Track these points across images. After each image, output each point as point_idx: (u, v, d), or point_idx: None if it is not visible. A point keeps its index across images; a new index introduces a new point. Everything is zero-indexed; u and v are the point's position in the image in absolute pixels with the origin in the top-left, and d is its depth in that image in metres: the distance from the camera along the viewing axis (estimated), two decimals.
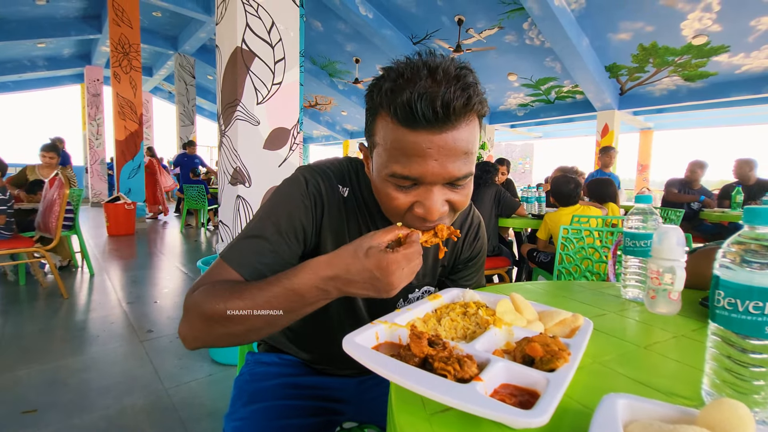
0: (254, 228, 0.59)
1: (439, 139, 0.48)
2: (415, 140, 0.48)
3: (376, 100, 0.51)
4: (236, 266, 0.56)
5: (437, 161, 0.49)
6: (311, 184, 0.62)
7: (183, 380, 1.77)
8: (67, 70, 10.92)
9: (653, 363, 0.50)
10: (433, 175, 0.50)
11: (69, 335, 2.23)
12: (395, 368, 0.40)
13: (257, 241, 0.58)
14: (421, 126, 0.47)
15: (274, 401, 0.71)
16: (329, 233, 0.64)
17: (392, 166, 0.51)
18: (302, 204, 0.61)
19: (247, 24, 2.23)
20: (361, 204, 0.66)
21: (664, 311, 0.67)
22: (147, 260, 4.17)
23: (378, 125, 0.53)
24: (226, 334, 0.52)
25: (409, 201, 0.53)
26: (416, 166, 0.49)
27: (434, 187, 0.51)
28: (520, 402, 0.37)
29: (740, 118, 8.58)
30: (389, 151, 0.51)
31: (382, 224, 0.67)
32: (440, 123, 0.47)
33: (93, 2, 7.62)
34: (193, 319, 0.52)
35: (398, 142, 0.49)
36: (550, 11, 5.04)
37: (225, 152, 2.36)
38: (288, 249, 0.59)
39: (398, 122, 0.48)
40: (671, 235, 0.65)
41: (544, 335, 0.45)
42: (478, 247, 0.79)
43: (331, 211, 0.64)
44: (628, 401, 0.34)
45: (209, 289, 0.53)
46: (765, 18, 4.70)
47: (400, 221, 0.56)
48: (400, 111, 0.47)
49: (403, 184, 0.52)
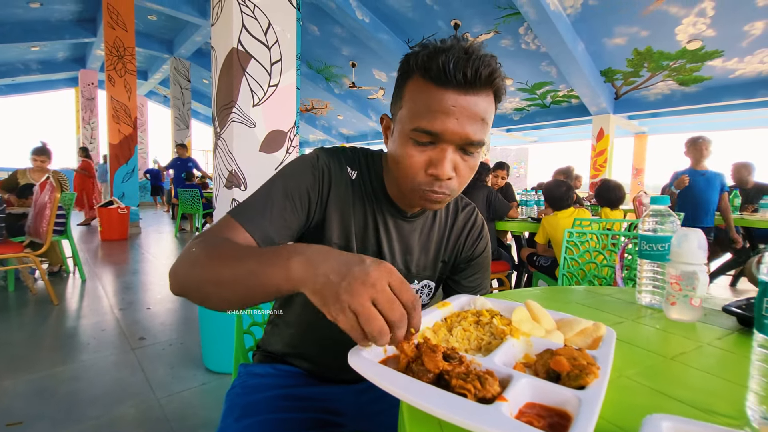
0: (263, 192, 0.62)
1: (463, 100, 0.54)
2: (443, 97, 0.54)
3: (412, 65, 0.57)
4: (246, 225, 0.58)
5: (458, 120, 0.54)
6: (321, 159, 0.66)
7: (175, 390, 1.71)
8: (62, 74, 10.84)
9: (683, 376, 0.46)
10: (452, 133, 0.55)
11: (58, 343, 2.16)
12: (408, 387, 0.36)
13: (265, 204, 0.60)
14: (451, 86, 0.54)
15: (269, 414, 0.67)
16: (335, 211, 0.66)
17: (418, 120, 0.56)
18: (310, 174, 0.64)
19: (243, 25, 2.20)
20: (368, 188, 0.69)
21: (685, 318, 0.63)
22: (140, 266, 4.09)
23: (408, 87, 0.58)
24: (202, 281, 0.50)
25: (423, 161, 0.58)
26: (439, 122, 0.55)
27: (448, 147, 0.57)
28: (549, 425, 0.34)
29: (734, 123, 8.66)
30: (417, 108, 0.56)
31: (388, 210, 0.69)
32: (467, 86, 0.54)
33: (88, 5, 7.57)
34: (193, 259, 0.52)
35: (427, 98, 0.55)
36: (546, 16, 5.06)
37: (220, 155, 2.32)
38: (293, 215, 0.62)
39: (430, 81, 0.55)
40: (692, 238, 0.62)
41: (569, 348, 0.42)
42: (482, 247, 0.78)
43: (339, 189, 0.66)
44: (673, 424, 0.30)
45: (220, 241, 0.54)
46: (758, 23, 4.75)
47: (412, 183, 0.59)
48: (435, 71, 0.53)
49: (423, 139, 0.56)
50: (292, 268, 0.42)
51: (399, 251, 0.71)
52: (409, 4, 6.16)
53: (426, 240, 0.74)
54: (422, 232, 0.73)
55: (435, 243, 0.74)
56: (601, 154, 7.45)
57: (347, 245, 0.68)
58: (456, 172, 0.59)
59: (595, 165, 7.53)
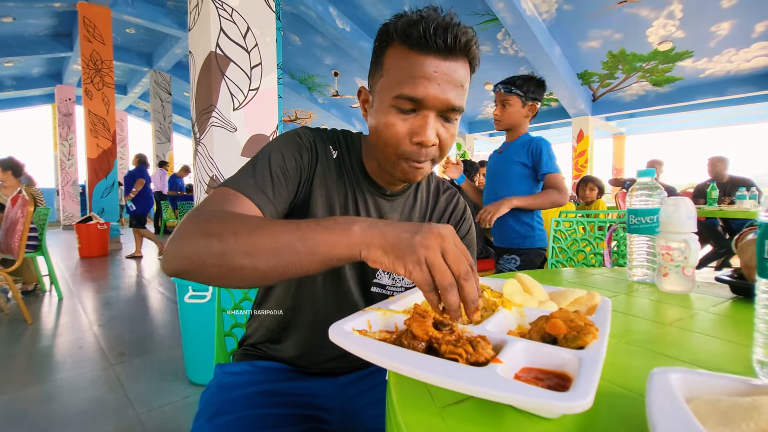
0: (260, 164, 0.59)
1: (444, 65, 0.55)
2: (424, 63, 0.54)
3: (391, 33, 0.57)
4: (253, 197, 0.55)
5: (439, 86, 0.55)
6: (306, 135, 0.66)
7: (157, 404, 1.63)
8: (37, 90, 10.56)
9: (683, 339, 0.44)
10: (434, 99, 0.55)
11: (31, 363, 2.04)
12: (395, 354, 0.33)
13: (264, 176, 0.58)
14: (432, 51, 0.54)
15: (246, 411, 0.62)
16: (319, 188, 0.65)
17: (400, 87, 0.55)
18: (299, 150, 0.63)
19: (221, 29, 2.17)
20: (348, 167, 0.68)
21: (679, 289, 0.62)
22: (121, 281, 3.95)
23: (388, 55, 0.58)
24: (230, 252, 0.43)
25: (406, 129, 0.57)
26: (422, 87, 0.54)
27: (430, 114, 0.56)
28: (549, 387, 0.31)
29: (706, 121, 8.96)
30: (398, 75, 0.56)
31: (368, 189, 0.69)
32: (447, 52, 0.54)
33: (63, 20, 7.43)
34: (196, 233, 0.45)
35: (409, 65, 0.55)
36: (523, 21, 5.17)
37: (200, 160, 2.26)
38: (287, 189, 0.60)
39: (411, 48, 0.55)
40: (681, 206, 0.61)
41: (565, 310, 0.39)
42: (465, 228, 0.78)
43: (323, 167, 0.65)
44: (681, 375, 0.28)
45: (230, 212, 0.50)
46: (724, 23, 4.94)
47: (395, 152, 0.58)
48: (415, 38, 0.54)
49: (406, 106, 0.56)
50: (355, 231, 0.42)
51: None
52: (388, 12, 6.23)
53: (407, 220, 0.72)
54: (403, 212, 0.72)
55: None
56: (582, 155, 7.60)
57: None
58: (440, 139, 0.59)
59: (577, 165, 7.67)
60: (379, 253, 0.41)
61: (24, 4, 6.13)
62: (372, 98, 0.62)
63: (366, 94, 0.65)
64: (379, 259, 0.41)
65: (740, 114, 8.06)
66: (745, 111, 7.64)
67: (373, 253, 0.41)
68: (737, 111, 7.59)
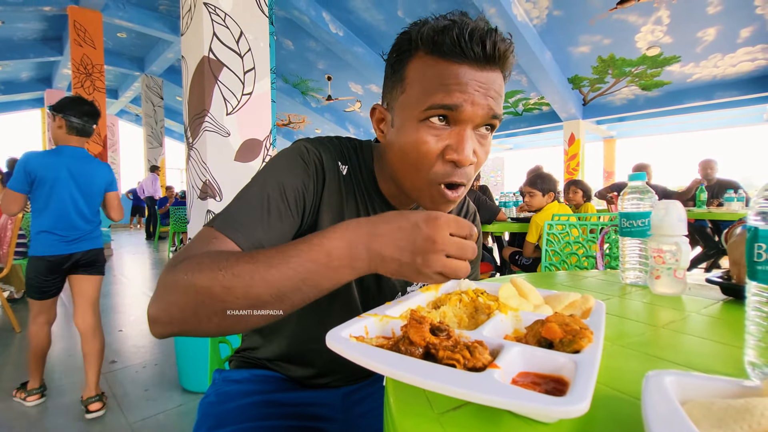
0: (252, 195, 0.51)
1: (481, 75, 0.48)
2: (458, 71, 0.48)
3: (415, 41, 0.50)
4: (235, 237, 0.47)
5: (478, 92, 0.48)
6: (312, 153, 0.57)
7: (149, 413, 1.60)
8: (26, 94, 10.44)
9: (676, 342, 0.45)
10: (472, 107, 0.48)
11: (19, 372, 2.00)
12: (393, 361, 0.33)
13: (257, 209, 0.50)
14: (466, 59, 0.48)
15: (246, 423, 0.60)
16: (327, 211, 0.58)
17: (431, 98, 0.49)
18: (304, 171, 0.55)
19: (214, 33, 2.17)
20: (360, 183, 0.61)
21: (671, 291, 0.63)
22: (112, 288, 3.90)
23: (411, 67, 0.51)
24: (218, 311, 0.40)
25: (440, 147, 0.50)
26: (458, 93, 0.48)
27: (467, 127, 0.50)
28: (546, 391, 0.31)
29: (694, 124, 9.12)
30: (427, 86, 0.49)
31: (380, 207, 0.62)
32: (485, 60, 0.48)
33: (53, 23, 7.36)
34: (175, 293, 0.41)
35: (439, 74, 0.48)
36: (514, 26, 5.24)
37: (193, 166, 2.25)
38: (289, 220, 0.53)
39: (441, 56, 0.49)
40: (671, 210, 0.62)
41: (560, 314, 0.40)
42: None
43: (332, 186, 0.58)
44: (676, 378, 0.28)
45: (206, 256, 0.43)
46: (710, 29, 5.05)
47: (427, 176, 0.52)
48: (447, 45, 0.47)
49: (440, 114, 0.49)
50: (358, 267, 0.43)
51: None
52: (381, 17, 6.26)
53: None
54: None
55: None
56: (574, 158, 7.68)
57: None
58: (477, 157, 0.52)
59: (569, 169, 7.75)
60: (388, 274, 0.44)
61: (13, 7, 6.06)
62: (391, 116, 0.55)
63: (381, 112, 0.57)
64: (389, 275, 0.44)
65: (727, 117, 8.23)
66: (731, 114, 7.80)
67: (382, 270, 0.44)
68: (724, 114, 7.75)
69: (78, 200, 1.68)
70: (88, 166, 1.74)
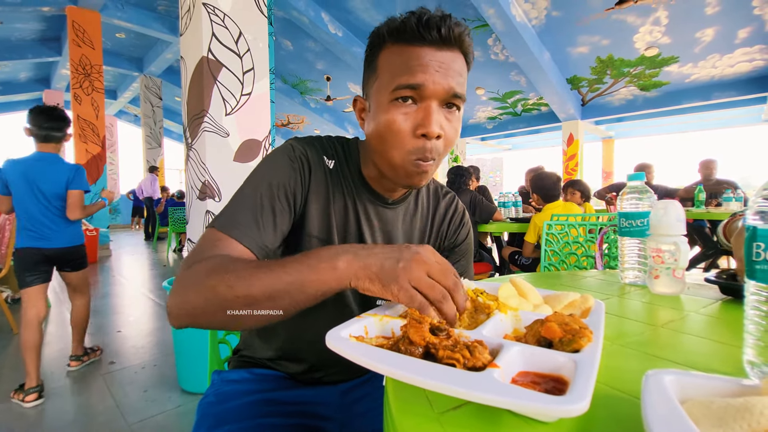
0: (248, 195, 0.57)
1: (441, 54, 0.54)
2: (420, 53, 0.54)
3: (382, 35, 0.57)
4: (238, 236, 0.53)
5: (438, 71, 0.54)
6: (297, 150, 0.63)
7: (149, 414, 1.60)
8: (24, 95, 10.40)
9: (675, 341, 0.45)
10: (434, 84, 0.54)
11: (17, 374, 1.99)
12: (393, 361, 0.33)
13: (254, 212, 0.56)
14: (426, 42, 0.54)
15: (245, 421, 0.61)
16: (314, 203, 0.63)
17: (397, 79, 0.54)
18: (291, 168, 0.61)
19: (213, 34, 2.16)
20: (347, 177, 0.66)
21: (670, 291, 0.63)
22: (111, 288, 3.89)
23: (381, 57, 0.57)
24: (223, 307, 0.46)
25: (409, 124, 0.55)
26: (420, 73, 0.53)
27: (432, 103, 0.55)
28: (546, 390, 0.31)
29: (692, 125, 9.14)
30: (394, 70, 0.55)
31: (368, 198, 0.67)
32: (442, 41, 0.54)
33: (52, 24, 7.34)
34: (190, 290, 0.47)
35: (404, 58, 0.54)
36: (513, 27, 5.24)
37: (192, 166, 2.25)
38: (282, 217, 0.59)
39: (404, 43, 0.55)
40: (670, 210, 0.62)
41: (560, 314, 0.40)
42: (464, 234, 0.77)
43: (317, 177, 0.63)
44: (675, 377, 0.28)
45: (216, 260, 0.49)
46: (708, 30, 5.06)
47: (400, 153, 0.56)
48: (409, 32, 0.54)
49: (406, 94, 0.54)
50: (341, 266, 0.45)
51: (382, 240, 0.68)
52: (380, 17, 6.27)
53: (409, 227, 0.71)
54: (405, 220, 0.71)
55: (419, 230, 0.72)
56: (572, 159, 7.69)
57: (328, 238, 0.64)
58: (444, 131, 0.56)
59: (567, 169, 7.76)
60: (366, 283, 0.44)
61: (11, 8, 6.05)
62: (369, 104, 0.61)
63: (362, 102, 0.63)
64: (368, 287, 0.44)
65: (725, 118, 8.24)
66: (729, 115, 7.82)
67: (361, 283, 0.45)
68: (722, 115, 7.77)
69: (40, 200, 1.83)
70: (50, 167, 1.85)
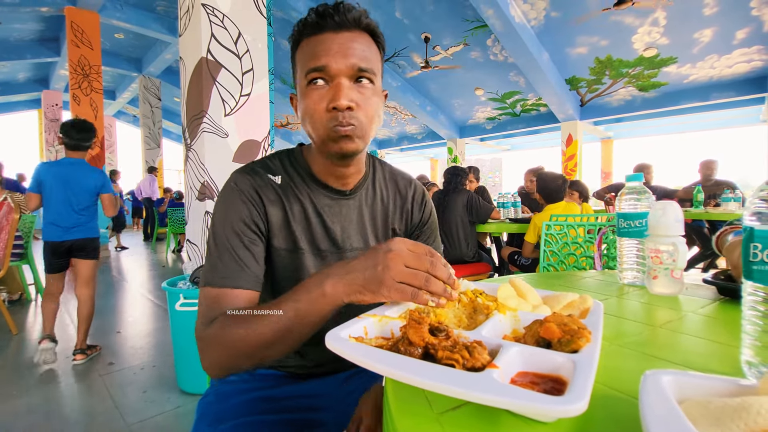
0: (219, 246, 0.61)
1: (339, 36, 0.59)
2: (321, 39, 0.59)
3: (296, 36, 0.62)
4: (230, 284, 0.58)
5: (339, 52, 0.59)
6: (240, 184, 0.65)
7: (148, 414, 1.60)
8: (23, 95, 10.40)
9: (673, 341, 0.45)
10: (336, 63, 0.58)
11: (16, 374, 1.99)
12: (393, 361, 0.33)
13: (227, 256, 0.60)
14: (325, 29, 0.59)
15: (244, 417, 0.63)
16: (275, 220, 0.66)
17: (307, 65, 0.59)
18: (241, 203, 0.64)
19: (212, 34, 2.16)
20: (297, 182, 0.68)
21: (668, 291, 0.63)
22: (110, 289, 3.88)
23: (297, 54, 0.63)
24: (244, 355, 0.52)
25: (324, 103, 0.59)
26: (323, 56, 0.59)
27: (341, 79, 0.59)
28: (544, 391, 0.31)
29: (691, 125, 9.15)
30: (305, 59, 0.60)
31: (325, 195, 0.69)
32: (339, 26, 0.59)
33: (50, 24, 7.34)
34: (221, 350, 0.53)
35: (311, 47, 0.60)
36: (512, 28, 5.25)
37: (191, 167, 2.25)
38: (256, 246, 0.62)
39: (309, 35, 0.60)
40: (669, 211, 0.62)
41: (559, 314, 0.40)
42: (428, 211, 0.81)
43: (269, 197, 0.66)
44: (673, 377, 0.29)
45: (225, 320, 0.54)
46: (706, 30, 5.08)
47: (322, 127, 0.60)
48: (311, 25, 0.60)
49: (316, 77, 0.59)
50: (328, 292, 0.49)
51: (349, 229, 0.70)
52: (380, 18, 6.28)
53: (371, 212, 0.73)
54: (367, 205, 0.72)
55: (381, 213, 0.74)
56: (571, 159, 7.70)
57: (295, 247, 0.66)
58: (356, 103, 0.60)
59: (566, 169, 7.77)
60: (358, 296, 0.48)
61: (10, 8, 6.04)
62: (297, 89, 0.65)
63: (295, 99, 0.67)
64: (361, 299, 0.48)
65: (723, 118, 8.26)
66: (727, 115, 7.83)
67: (353, 297, 0.48)
68: (720, 115, 7.78)
69: (70, 197, 2.17)
70: (81, 171, 2.22)
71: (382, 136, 11.25)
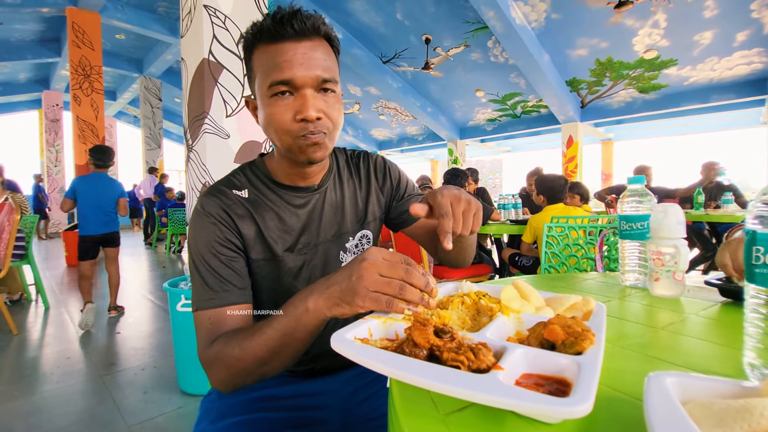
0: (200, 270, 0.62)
1: (300, 46, 0.58)
2: (282, 49, 0.58)
3: (250, 39, 0.61)
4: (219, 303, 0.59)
5: (302, 64, 0.58)
6: (207, 207, 0.65)
7: (149, 416, 1.60)
8: (24, 96, 10.41)
9: (675, 343, 0.45)
10: (302, 76, 0.58)
11: (16, 375, 1.99)
12: (398, 363, 0.33)
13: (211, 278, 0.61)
14: (285, 38, 0.58)
15: (246, 415, 0.64)
16: (248, 234, 0.66)
17: (270, 77, 0.58)
18: (211, 225, 0.64)
19: (214, 36, 2.17)
20: (264, 192, 0.69)
21: (670, 293, 0.63)
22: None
23: (254, 58, 0.62)
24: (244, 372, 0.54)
25: (290, 114, 0.59)
26: (287, 69, 0.58)
27: (306, 91, 0.59)
28: (549, 392, 0.31)
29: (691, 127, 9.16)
30: (266, 68, 0.59)
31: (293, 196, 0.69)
32: (299, 35, 0.58)
33: (51, 25, 7.35)
34: (223, 370, 0.55)
35: (271, 56, 0.59)
36: (512, 29, 5.26)
37: (193, 168, 2.25)
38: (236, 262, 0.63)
39: (269, 42, 0.59)
40: (670, 213, 0.63)
41: (563, 316, 0.40)
42: (396, 174, 0.82)
43: (238, 213, 0.66)
44: (677, 379, 0.29)
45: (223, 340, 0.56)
46: (707, 33, 5.09)
47: (289, 138, 0.60)
48: (266, 32, 0.58)
49: (282, 90, 0.58)
50: (311, 308, 0.50)
51: (325, 222, 0.71)
52: (380, 19, 6.28)
53: (341, 198, 0.74)
54: (337, 193, 0.73)
55: (350, 197, 0.75)
56: (572, 161, 7.71)
57: (273, 256, 0.67)
58: (323, 111, 0.60)
59: (567, 171, 7.77)
60: (337, 309, 0.48)
61: (11, 9, 6.05)
62: (257, 102, 0.64)
63: (252, 102, 0.67)
64: (341, 312, 0.48)
65: (723, 120, 8.27)
66: (728, 117, 7.84)
67: (334, 311, 0.48)
68: (720, 117, 7.78)
69: (100, 203, 2.92)
70: (104, 184, 2.96)
71: (383, 137, 11.25)
